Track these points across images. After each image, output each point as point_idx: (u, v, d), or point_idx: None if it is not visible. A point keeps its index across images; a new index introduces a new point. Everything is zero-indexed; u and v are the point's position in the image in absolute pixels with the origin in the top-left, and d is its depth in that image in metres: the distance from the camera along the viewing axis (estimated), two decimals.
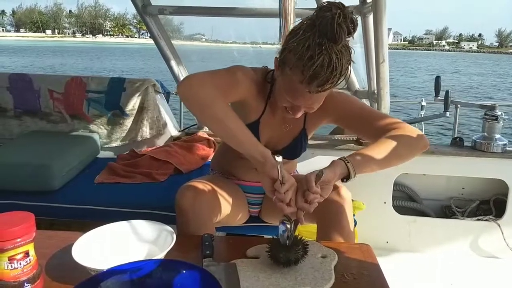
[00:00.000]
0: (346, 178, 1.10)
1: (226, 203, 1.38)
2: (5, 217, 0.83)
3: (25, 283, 0.83)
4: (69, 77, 2.43)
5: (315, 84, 1.03)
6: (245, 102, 1.27)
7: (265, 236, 1.50)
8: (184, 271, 0.82)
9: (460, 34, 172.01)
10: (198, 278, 0.80)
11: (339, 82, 1.06)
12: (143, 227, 1.11)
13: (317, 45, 1.00)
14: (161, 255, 0.96)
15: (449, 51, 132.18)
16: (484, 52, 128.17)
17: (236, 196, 1.44)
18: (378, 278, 0.97)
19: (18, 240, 0.81)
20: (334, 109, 1.29)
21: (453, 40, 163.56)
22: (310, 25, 1.03)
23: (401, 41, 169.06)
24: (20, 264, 0.82)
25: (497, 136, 2.11)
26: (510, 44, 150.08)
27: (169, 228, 1.08)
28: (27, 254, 0.83)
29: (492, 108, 2.14)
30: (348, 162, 1.09)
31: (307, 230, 1.80)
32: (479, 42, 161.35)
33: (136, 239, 1.08)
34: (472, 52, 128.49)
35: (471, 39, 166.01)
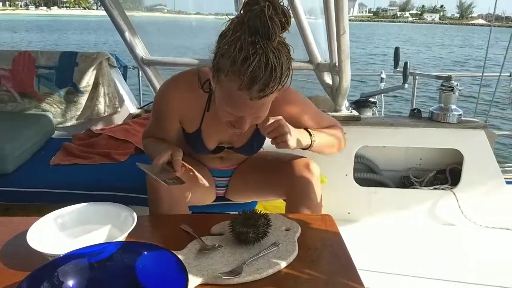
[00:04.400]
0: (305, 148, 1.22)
1: (196, 183, 1.37)
2: None
3: None
4: (16, 52, 2.28)
5: (255, 89, 0.93)
6: (182, 118, 1.29)
7: (231, 213, 1.50)
8: (145, 253, 0.80)
9: (423, 6, 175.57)
10: (161, 259, 0.79)
11: (281, 84, 0.97)
12: (103, 209, 1.08)
13: (250, 45, 0.90)
14: (122, 237, 0.93)
15: (413, 22, 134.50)
16: (446, 23, 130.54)
17: (205, 178, 1.43)
18: (340, 247, 0.99)
19: None
20: (289, 112, 1.21)
21: (416, 12, 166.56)
22: (239, 23, 0.93)
23: (366, 12, 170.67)
24: None
25: (453, 106, 2.17)
26: (470, 15, 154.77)
27: (129, 209, 1.05)
28: None
29: (448, 79, 2.20)
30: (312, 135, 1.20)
31: (272, 205, 1.81)
32: (441, 14, 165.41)
33: (96, 222, 1.05)
34: (435, 23, 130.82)
35: (433, 10, 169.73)
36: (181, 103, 1.23)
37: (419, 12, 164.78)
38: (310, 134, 1.21)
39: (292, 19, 1.14)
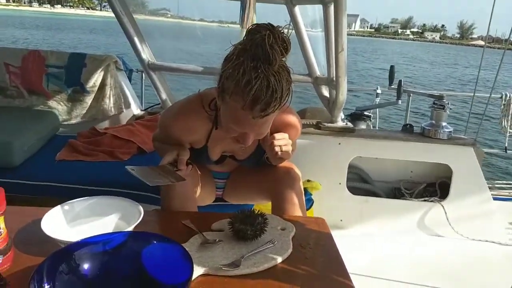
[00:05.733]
0: None
1: (202, 183, 1.45)
2: None
3: None
4: (26, 51, 2.35)
5: (257, 109, 1.02)
6: (189, 141, 1.33)
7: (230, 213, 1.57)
8: (154, 242, 0.87)
9: (424, 24, 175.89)
10: (167, 247, 0.86)
11: (282, 104, 1.05)
12: (111, 203, 1.14)
13: (252, 69, 0.99)
14: (129, 229, 1.00)
15: (413, 40, 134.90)
16: (446, 43, 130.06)
17: (207, 178, 1.51)
18: (331, 247, 1.08)
19: None
20: (283, 121, 1.29)
21: (417, 30, 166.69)
22: (242, 50, 1.02)
23: (367, 28, 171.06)
24: None
25: (444, 123, 2.27)
26: (470, 36, 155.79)
27: (136, 204, 1.12)
28: None
29: (440, 97, 2.30)
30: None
31: (267, 208, 1.89)
32: (442, 33, 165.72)
33: (104, 215, 1.11)
34: (435, 42, 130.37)
35: (435, 29, 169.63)
36: (187, 132, 1.29)
37: (420, 31, 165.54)
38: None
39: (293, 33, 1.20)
